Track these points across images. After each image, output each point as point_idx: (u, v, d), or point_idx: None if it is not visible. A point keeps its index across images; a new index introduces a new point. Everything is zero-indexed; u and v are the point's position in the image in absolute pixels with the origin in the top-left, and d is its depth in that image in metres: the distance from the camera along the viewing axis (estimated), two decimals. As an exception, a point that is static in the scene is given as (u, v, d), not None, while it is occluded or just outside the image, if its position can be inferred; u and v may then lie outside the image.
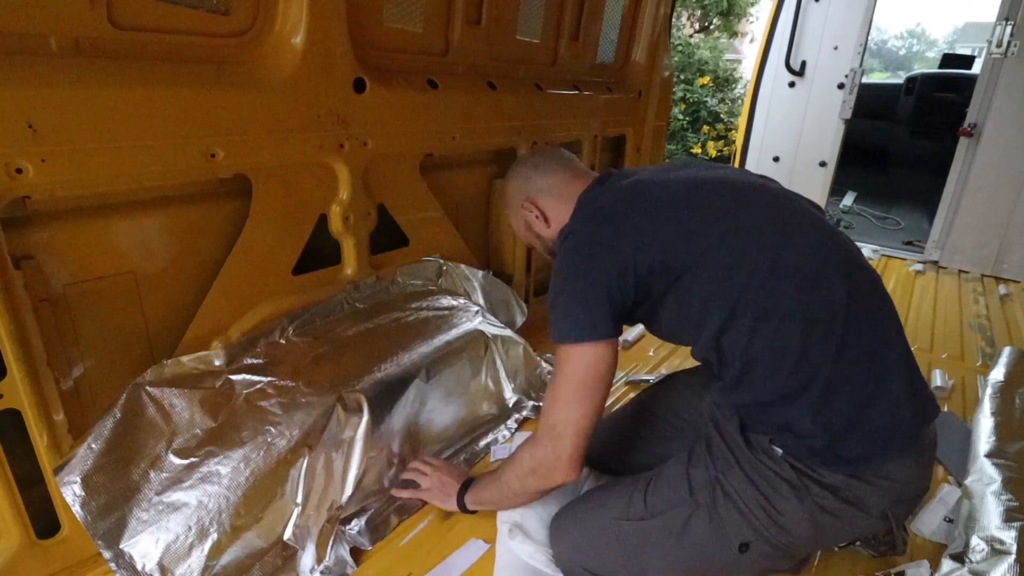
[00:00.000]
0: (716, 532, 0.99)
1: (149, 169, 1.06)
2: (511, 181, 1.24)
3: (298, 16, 1.21)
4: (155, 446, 1.08)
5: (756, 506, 0.96)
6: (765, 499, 0.96)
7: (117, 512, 1.02)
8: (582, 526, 1.12)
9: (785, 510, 0.95)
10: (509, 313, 1.92)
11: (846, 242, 1.02)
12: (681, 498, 1.03)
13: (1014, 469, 1.34)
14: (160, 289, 1.19)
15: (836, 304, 0.93)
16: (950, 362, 2.24)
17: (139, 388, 1.09)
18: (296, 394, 1.20)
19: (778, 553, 0.99)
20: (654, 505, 1.05)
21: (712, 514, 0.99)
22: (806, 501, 0.94)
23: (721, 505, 0.99)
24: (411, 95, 1.51)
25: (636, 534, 1.05)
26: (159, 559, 1.02)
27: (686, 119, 5.49)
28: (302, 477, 1.14)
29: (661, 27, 2.40)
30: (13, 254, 0.95)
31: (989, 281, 3.24)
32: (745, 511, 0.97)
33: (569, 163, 1.20)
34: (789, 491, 0.94)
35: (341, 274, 1.51)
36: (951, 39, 30.38)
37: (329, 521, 1.18)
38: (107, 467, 1.03)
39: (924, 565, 1.20)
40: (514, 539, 1.16)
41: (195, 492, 1.07)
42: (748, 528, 0.97)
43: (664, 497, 1.05)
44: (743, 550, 0.98)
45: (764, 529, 0.96)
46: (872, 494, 0.94)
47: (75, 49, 0.96)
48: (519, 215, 1.22)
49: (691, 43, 6.03)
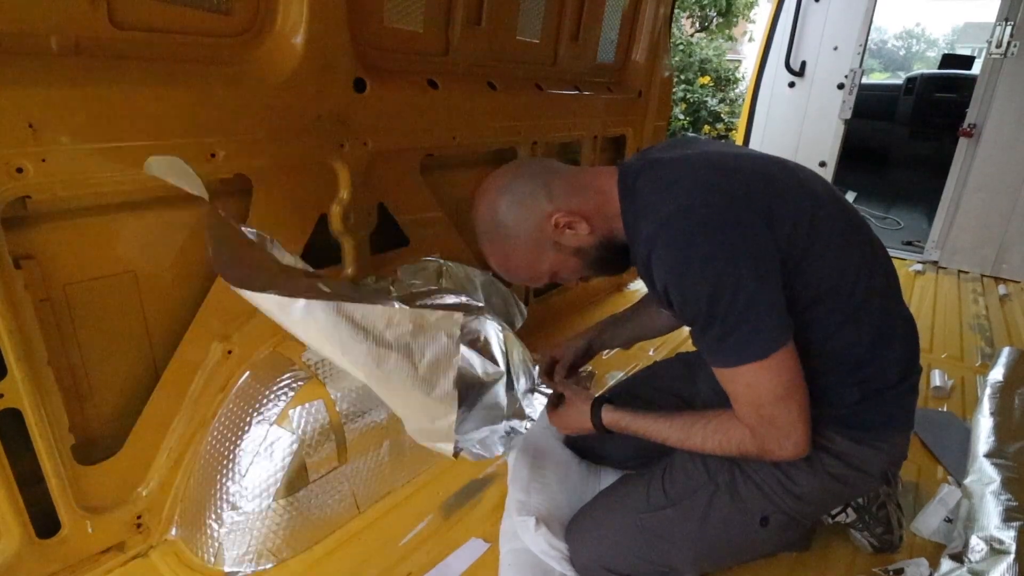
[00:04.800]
0: (738, 510, 1.03)
1: (149, 169, 1.06)
2: (510, 211, 0.95)
3: (298, 16, 1.21)
4: None
5: (772, 480, 1.01)
6: (782, 472, 1.00)
7: None
8: (602, 525, 1.12)
9: (800, 480, 1.00)
10: (508, 315, 1.91)
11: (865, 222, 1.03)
12: (700, 482, 1.05)
13: (1013, 469, 1.34)
14: (160, 289, 1.19)
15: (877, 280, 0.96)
16: (950, 362, 2.24)
17: None
18: None
19: (792, 523, 1.05)
20: (674, 493, 1.07)
21: (733, 493, 1.03)
22: (818, 470, 0.99)
23: (740, 483, 1.03)
24: (411, 95, 1.51)
25: (659, 524, 1.06)
26: None
27: (687, 119, 5.49)
28: None
29: (661, 27, 2.40)
30: (13, 254, 0.94)
31: (989, 281, 3.24)
32: (763, 485, 1.01)
33: (560, 163, 1.04)
34: (802, 462, 0.97)
35: (341, 274, 1.51)
36: (951, 39, 30.39)
37: None
38: None
39: (923, 564, 1.20)
40: (539, 530, 1.14)
41: None
42: (767, 502, 1.02)
43: (683, 484, 1.07)
44: (764, 524, 1.03)
45: (781, 501, 1.01)
46: (875, 457, 1.01)
47: (75, 49, 0.96)
48: (543, 246, 0.97)
49: (692, 43, 6.03)
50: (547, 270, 1.00)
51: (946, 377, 2.03)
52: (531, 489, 1.23)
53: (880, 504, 1.23)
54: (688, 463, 1.08)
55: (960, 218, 3.32)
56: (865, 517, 1.23)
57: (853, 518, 1.23)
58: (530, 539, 1.15)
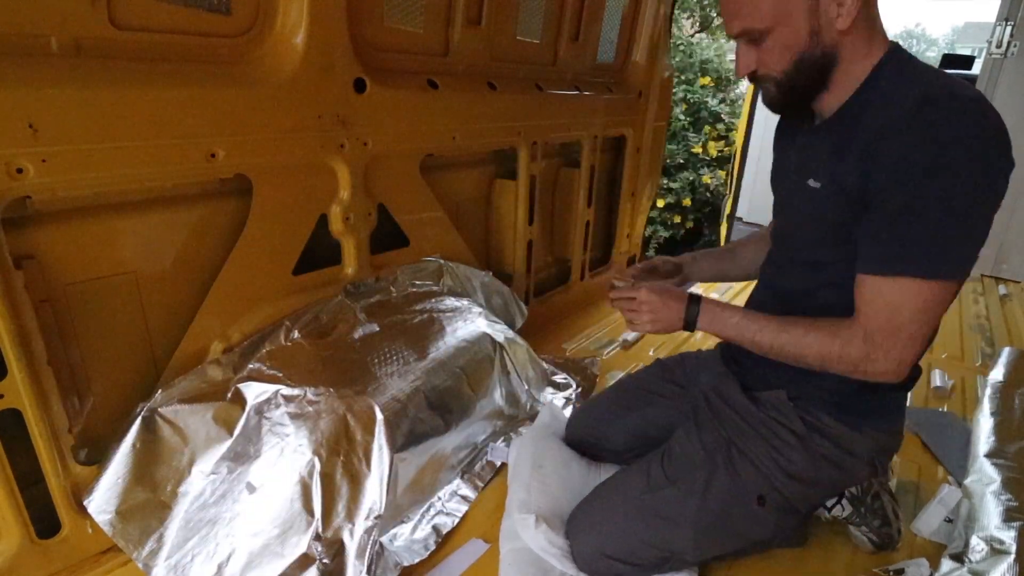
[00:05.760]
0: (736, 487, 1.05)
1: (150, 169, 1.06)
2: None
3: (298, 16, 1.21)
4: (178, 467, 1.11)
5: (768, 459, 1.04)
6: (775, 450, 1.04)
7: (154, 535, 1.08)
8: (602, 512, 1.13)
9: (793, 458, 1.04)
10: (508, 314, 1.92)
11: None
12: (699, 461, 1.08)
13: (1014, 469, 1.34)
14: (161, 289, 1.19)
15: None
16: (950, 362, 2.24)
17: (152, 412, 1.12)
18: (304, 402, 1.18)
19: (788, 507, 1.07)
20: (673, 472, 1.09)
21: (730, 470, 1.06)
22: (811, 449, 1.04)
23: (737, 461, 1.06)
24: (411, 95, 1.51)
25: (659, 505, 1.07)
26: None
27: (687, 119, 5.48)
28: (317, 486, 1.12)
29: (661, 27, 2.40)
30: (14, 254, 0.95)
31: (989, 281, 3.24)
32: (759, 463, 1.05)
33: None
34: (796, 441, 1.03)
35: (341, 274, 1.51)
36: (951, 39, 30.38)
37: (367, 531, 1.14)
38: (136, 494, 1.08)
39: (924, 564, 1.20)
40: (539, 527, 1.13)
41: (219, 509, 1.10)
42: (763, 481, 1.05)
43: (681, 464, 1.10)
44: (760, 503, 1.05)
45: (776, 479, 1.04)
46: (865, 443, 1.05)
47: (76, 49, 0.96)
48: None
49: (692, 43, 6.03)
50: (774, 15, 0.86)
51: (946, 377, 2.03)
52: (531, 487, 1.23)
53: (874, 495, 1.23)
54: (686, 444, 1.11)
55: (960, 218, 3.31)
56: (860, 509, 1.23)
57: (849, 511, 1.23)
58: (530, 536, 1.15)
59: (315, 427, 1.15)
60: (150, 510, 1.09)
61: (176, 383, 1.17)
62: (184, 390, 1.16)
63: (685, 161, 5.45)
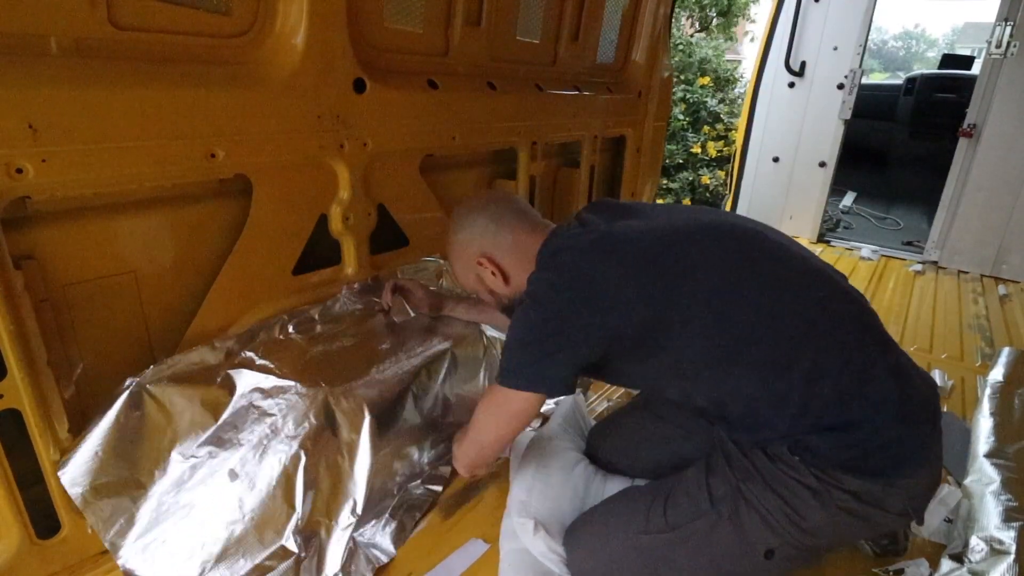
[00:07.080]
0: (741, 541, 0.99)
1: (149, 169, 1.06)
2: (462, 231, 1.15)
3: (298, 16, 1.21)
4: (158, 446, 1.09)
5: (779, 513, 0.96)
6: (788, 506, 0.96)
7: (125, 514, 1.04)
8: (599, 537, 1.11)
9: (808, 515, 0.95)
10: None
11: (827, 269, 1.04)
12: (702, 509, 1.02)
13: (1013, 469, 1.34)
14: (160, 289, 1.19)
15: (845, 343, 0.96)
16: (950, 362, 2.24)
17: (140, 387, 1.09)
18: (294, 395, 1.19)
19: (803, 554, 1.01)
20: (674, 519, 1.04)
21: (735, 524, 0.99)
22: (829, 506, 0.94)
23: (744, 514, 0.99)
24: (411, 95, 1.51)
25: (657, 547, 1.04)
26: (163, 561, 1.03)
27: (686, 119, 5.49)
28: (300, 479, 1.13)
29: (661, 27, 2.40)
30: (13, 254, 0.94)
31: (988, 281, 3.24)
32: (768, 518, 0.97)
33: (527, 216, 1.15)
34: (811, 497, 0.94)
35: (341, 274, 1.51)
36: (951, 39, 30.37)
37: (345, 528, 1.15)
38: (113, 469, 1.05)
39: (923, 564, 1.20)
40: (537, 534, 1.14)
41: (196, 493, 1.07)
42: (772, 535, 0.97)
43: (684, 510, 1.04)
44: (768, 556, 0.99)
45: (788, 535, 0.97)
46: (892, 495, 0.94)
47: (75, 49, 0.96)
48: (470, 268, 1.16)
49: (691, 43, 6.03)
50: (471, 287, 1.22)
51: (946, 377, 2.03)
52: (533, 490, 1.23)
53: None
54: (693, 488, 1.05)
55: (960, 218, 3.32)
56: None
57: None
58: (528, 541, 1.15)
59: (303, 420, 1.15)
60: (125, 488, 1.06)
61: (168, 361, 1.15)
62: (175, 370, 1.15)
63: (684, 161, 5.45)
